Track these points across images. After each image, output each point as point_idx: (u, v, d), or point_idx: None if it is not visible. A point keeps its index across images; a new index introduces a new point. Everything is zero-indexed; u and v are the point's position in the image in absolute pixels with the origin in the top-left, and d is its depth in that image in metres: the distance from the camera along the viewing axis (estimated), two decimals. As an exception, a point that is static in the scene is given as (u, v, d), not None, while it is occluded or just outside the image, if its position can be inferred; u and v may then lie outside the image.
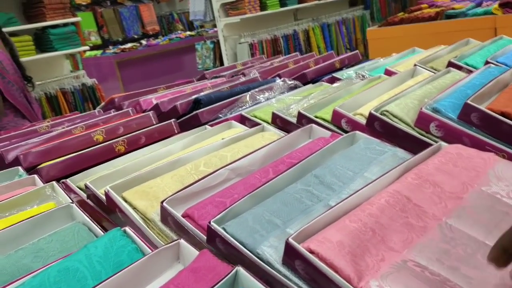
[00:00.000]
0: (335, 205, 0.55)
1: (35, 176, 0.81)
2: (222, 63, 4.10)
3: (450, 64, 1.13)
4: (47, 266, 0.49)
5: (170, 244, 0.52)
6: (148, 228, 0.68)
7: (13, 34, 2.90)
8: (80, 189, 0.85)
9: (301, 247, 0.48)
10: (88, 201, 0.82)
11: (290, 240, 0.49)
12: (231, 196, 0.68)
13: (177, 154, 0.91)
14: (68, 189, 0.88)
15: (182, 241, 0.53)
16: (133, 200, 0.72)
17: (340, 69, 1.63)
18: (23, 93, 1.81)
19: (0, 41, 1.75)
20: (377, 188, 0.59)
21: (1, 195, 0.72)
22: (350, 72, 1.41)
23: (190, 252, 0.51)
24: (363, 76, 1.29)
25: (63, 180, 0.89)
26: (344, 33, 4.74)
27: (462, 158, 0.63)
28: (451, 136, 0.76)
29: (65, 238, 0.59)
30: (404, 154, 0.72)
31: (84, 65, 5.69)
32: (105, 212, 0.79)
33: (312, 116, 0.98)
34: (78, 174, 0.91)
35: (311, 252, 0.47)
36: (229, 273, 0.43)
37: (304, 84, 1.44)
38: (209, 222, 0.57)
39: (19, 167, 0.90)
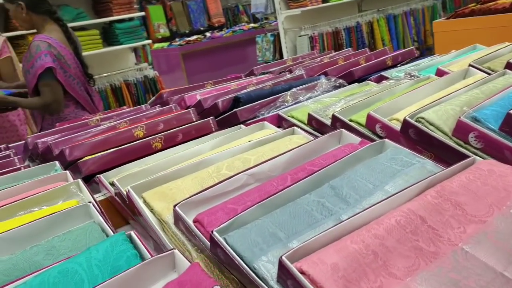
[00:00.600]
0: (339, 223, 0.52)
1: (68, 172, 0.85)
2: (281, 56, 4.08)
3: (509, 66, 1.02)
4: (49, 267, 0.51)
5: (164, 254, 0.52)
6: (162, 231, 0.69)
7: (82, 28, 3.09)
8: (112, 185, 0.89)
9: (293, 267, 0.46)
10: (116, 198, 0.85)
11: (283, 258, 0.47)
12: (244, 203, 0.66)
13: (205, 154, 0.91)
14: (101, 185, 0.92)
15: (176, 251, 0.53)
16: (152, 201, 0.73)
17: (393, 66, 1.55)
18: (84, 87, 1.92)
19: (65, 38, 1.85)
20: (392, 205, 0.55)
21: (33, 189, 0.77)
22: (399, 71, 1.33)
23: (184, 263, 0.51)
24: (412, 76, 1.21)
25: (97, 176, 0.93)
26: (412, 25, 4.50)
27: (493, 175, 0.57)
28: (491, 148, 0.69)
29: (78, 237, 0.61)
30: (434, 167, 0.66)
31: (153, 57, 5.93)
32: (130, 210, 0.81)
33: (346, 120, 0.93)
34: (113, 170, 0.95)
35: (302, 273, 0.45)
36: (207, 292, 0.42)
37: (351, 83, 1.38)
38: (212, 231, 0.57)
39: (56, 162, 0.94)
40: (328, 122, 0.99)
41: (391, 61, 1.53)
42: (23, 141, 1.35)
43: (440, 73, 1.17)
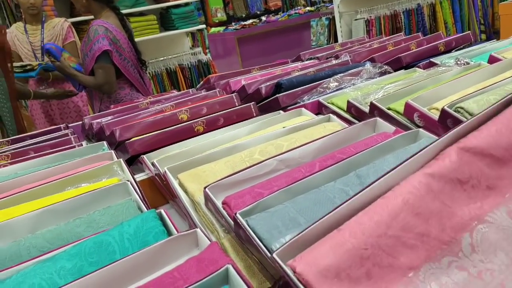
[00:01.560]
0: (340, 205, 0.49)
1: (113, 152, 0.91)
2: (336, 41, 4.00)
3: None
4: (86, 238, 0.57)
5: (188, 232, 0.55)
6: (194, 211, 0.73)
7: (141, 13, 3.20)
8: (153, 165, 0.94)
9: (286, 267, 0.46)
10: (156, 178, 0.90)
11: (275, 256, 0.46)
12: (271, 188, 0.68)
13: (241, 139, 0.94)
14: (144, 165, 0.97)
15: (198, 230, 0.56)
16: (186, 182, 0.77)
17: (446, 52, 1.48)
18: (137, 69, 2.01)
19: (121, 25, 1.95)
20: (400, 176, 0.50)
21: (81, 167, 0.83)
22: (451, 57, 1.27)
23: (205, 241, 0.54)
24: (462, 62, 1.16)
25: (141, 156, 0.99)
26: (478, 7, 4.22)
27: None
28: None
29: (116, 213, 0.66)
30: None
31: (210, 41, 6.04)
32: (167, 189, 0.86)
33: (384, 108, 0.92)
34: (155, 151, 1.00)
35: (296, 273, 0.44)
36: (219, 269, 0.45)
37: (399, 69, 1.34)
38: (235, 213, 0.59)
39: (104, 142, 1.01)
40: (367, 109, 0.98)
41: (444, 46, 1.47)
42: (81, 122, 1.45)
43: (492, 60, 1.11)
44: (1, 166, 0.99)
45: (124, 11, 2.01)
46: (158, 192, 0.96)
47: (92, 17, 2.03)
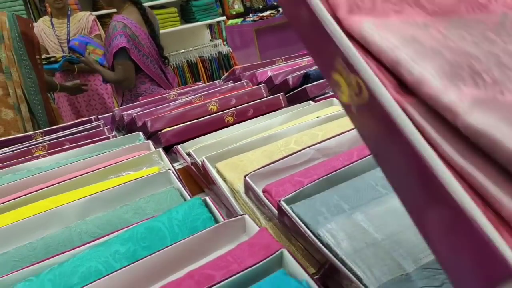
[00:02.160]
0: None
1: (150, 142, 0.93)
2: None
3: None
4: (137, 224, 0.59)
5: (237, 218, 0.57)
6: (234, 199, 0.75)
7: (161, 6, 3.23)
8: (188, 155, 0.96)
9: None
10: (192, 167, 0.92)
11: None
12: (310, 176, 0.69)
13: (274, 129, 0.95)
14: (179, 155, 0.99)
15: (246, 216, 0.58)
16: (224, 171, 0.78)
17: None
18: (158, 65, 2.03)
19: (143, 20, 1.96)
20: None
21: (121, 156, 0.86)
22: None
23: (253, 227, 0.55)
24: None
25: (175, 146, 1.01)
26: None
27: None
28: None
29: (160, 200, 0.68)
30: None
31: (227, 33, 6.04)
32: (204, 178, 0.87)
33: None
34: (189, 142, 1.02)
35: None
36: (274, 253, 0.47)
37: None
38: (279, 201, 0.61)
39: (140, 133, 1.04)
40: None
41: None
42: (110, 113, 1.48)
43: None
44: (40, 157, 1.02)
45: (144, 4, 2.02)
46: (192, 181, 0.98)
47: (114, 10, 2.06)
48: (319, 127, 0.87)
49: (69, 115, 2.45)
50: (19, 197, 0.73)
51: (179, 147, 0.99)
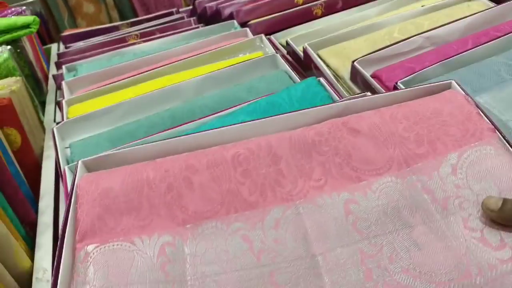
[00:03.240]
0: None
1: (247, 29, 0.94)
2: None
3: None
4: (258, 99, 0.62)
5: (359, 95, 0.58)
6: (338, 85, 0.76)
7: None
8: (282, 45, 0.96)
9: None
10: (288, 56, 0.92)
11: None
12: (422, 63, 0.69)
13: (372, 20, 0.93)
14: (272, 45, 1.00)
15: (368, 93, 0.59)
16: (327, 58, 0.79)
17: None
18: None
19: None
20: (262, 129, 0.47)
21: (219, 43, 0.87)
22: None
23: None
24: None
25: (268, 36, 1.01)
26: None
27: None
28: None
29: (271, 80, 0.71)
30: None
31: None
32: (302, 68, 0.89)
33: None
34: (280, 32, 1.02)
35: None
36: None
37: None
38: (396, 83, 0.61)
39: (234, 21, 1.04)
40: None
41: None
42: (190, 7, 1.48)
43: None
44: (136, 44, 1.06)
45: None
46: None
47: None
48: (425, 16, 0.84)
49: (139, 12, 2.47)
50: (135, 75, 0.78)
51: (272, 37, 0.99)
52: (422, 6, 0.87)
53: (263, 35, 0.86)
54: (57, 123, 0.69)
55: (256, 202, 0.40)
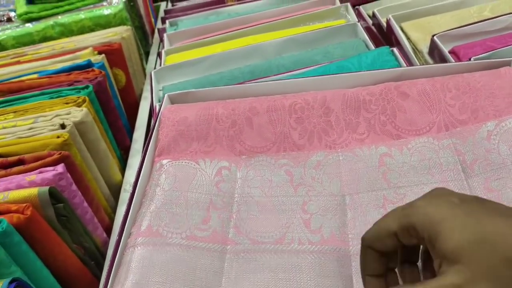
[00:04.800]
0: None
1: (335, -3, 0.97)
2: None
3: None
4: (330, 63, 0.67)
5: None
6: (415, 58, 0.77)
7: None
8: (369, 16, 0.98)
9: None
10: (372, 27, 0.94)
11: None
12: (505, 43, 0.67)
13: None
14: (359, 15, 1.02)
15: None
16: (409, 31, 0.80)
17: None
18: None
19: None
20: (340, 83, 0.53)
21: (307, 9, 0.92)
22: None
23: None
24: None
25: (356, 7, 1.03)
26: None
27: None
28: None
29: (347, 48, 0.74)
30: None
31: None
32: (384, 40, 0.90)
33: None
34: (370, 3, 1.03)
35: None
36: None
37: None
38: (470, 59, 0.62)
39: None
40: None
41: None
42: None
43: None
44: (233, 5, 1.14)
45: None
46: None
47: None
48: (523, -4, 0.80)
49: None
50: (225, 32, 0.86)
51: (360, 7, 1.01)
52: (522, -15, 0.83)
53: (348, 4, 0.89)
54: (155, 69, 0.81)
55: (303, 145, 0.46)
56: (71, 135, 0.54)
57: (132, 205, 0.42)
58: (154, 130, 0.49)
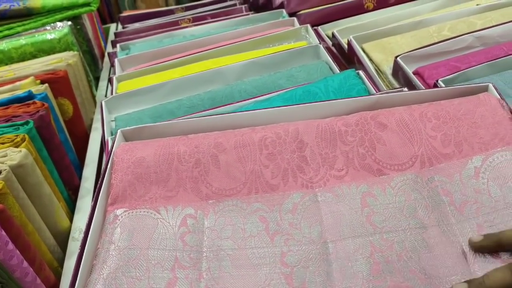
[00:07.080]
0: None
1: (295, 19, 0.94)
2: None
3: None
4: (295, 87, 0.63)
5: (392, 90, 0.58)
6: (379, 79, 0.75)
7: None
8: (328, 37, 0.96)
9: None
10: (333, 48, 0.92)
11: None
12: (468, 63, 0.67)
13: (425, 15, 0.90)
14: (318, 36, 1.00)
15: (404, 89, 0.58)
16: (371, 52, 0.78)
17: None
18: None
19: None
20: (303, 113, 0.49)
21: (267, 30, 0.89)
22: None
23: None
24: None
25: (315, 28, 1.01)
26: None
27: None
28: None
29: (311, 71, 0.71)
30: None
31: None
32: (345, 61, 0.88)
33: None
34: (328, 24, 1.02)
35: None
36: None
37: None
38: (437, 81, 0.60)
39: (283, 10, 1.05)
40: None
41: None
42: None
43: None
44: (187, 27, 1.10)
45: None
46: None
47: None
48: (479, 15, 0.81)
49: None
50: (182, 56, 0.81)
51: (319, 28, 0.99)
52: (477, 4, 0.84)
53: (308, 26, 0.87)
54: (106, 98, 0.74)
55: (277, 185, 0.41)
56: (7, 182, 0.46)
57: (80, 270, 0.35)
58: (106, 174, 0.43)
